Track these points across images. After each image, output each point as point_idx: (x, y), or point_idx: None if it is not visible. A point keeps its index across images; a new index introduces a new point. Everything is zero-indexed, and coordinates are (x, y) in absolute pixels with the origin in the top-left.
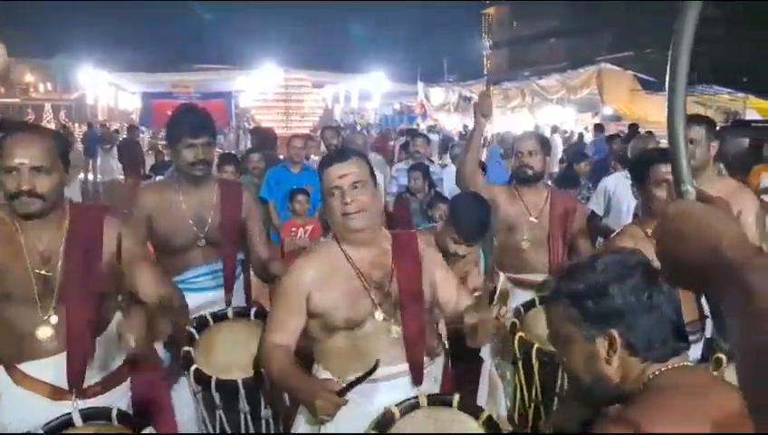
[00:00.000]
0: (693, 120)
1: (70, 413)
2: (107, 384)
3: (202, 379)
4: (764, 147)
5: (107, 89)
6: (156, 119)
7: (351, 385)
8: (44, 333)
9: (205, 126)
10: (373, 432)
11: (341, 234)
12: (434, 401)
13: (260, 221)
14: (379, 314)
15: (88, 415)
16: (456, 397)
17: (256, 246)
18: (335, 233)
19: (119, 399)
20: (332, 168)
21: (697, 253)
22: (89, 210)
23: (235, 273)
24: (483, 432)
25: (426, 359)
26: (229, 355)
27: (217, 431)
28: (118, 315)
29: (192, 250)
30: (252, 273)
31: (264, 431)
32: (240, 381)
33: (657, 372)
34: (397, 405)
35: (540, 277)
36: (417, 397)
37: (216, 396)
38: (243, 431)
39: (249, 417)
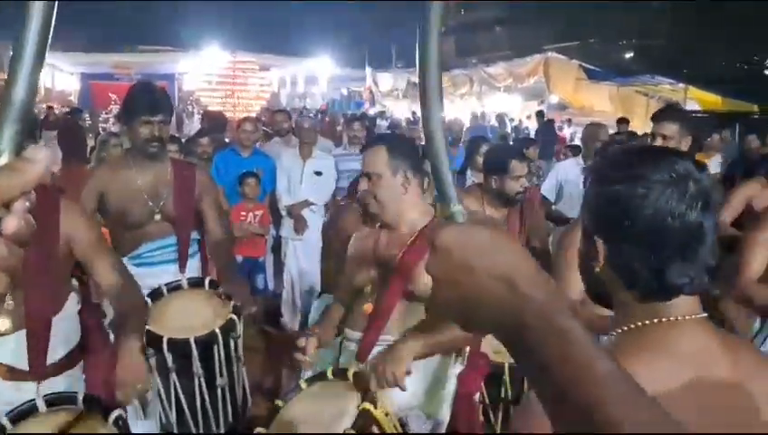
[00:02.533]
0: (666, 116)
1: (33, 399)
2: (62, 366)
3: (154, 340)
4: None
5: (43, 69)
6: (95, 101)
7: None
8: (1, 323)
9: (161, 104)
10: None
11: None
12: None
13: (215, 201)
14: (368, 289)
15: (52, 400)
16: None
17: (211, 226)
18: None
19: (75, 381)
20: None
21: (486, 292)
22: (45, 193)
23: (189, 249)
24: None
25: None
26: (182, 320)
27: (172, 402)
28: (73, 296)
29: (148, 224)
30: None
31: (219, 401)
32: (192, 340)
33: (648, 323)
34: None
35: None
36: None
37: (169, 357)
38: (198, 402)
39: (204, 383)
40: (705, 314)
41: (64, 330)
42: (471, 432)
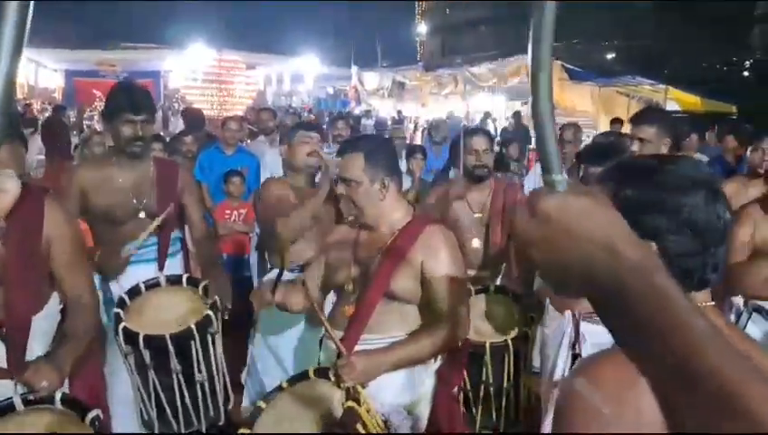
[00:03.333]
0: (644, 119)
1: (11, 397)
2: None
3: (130, 337)
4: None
5: (26, 65)
6: (79, 98)
7: None
8: None
9: (144, 103)
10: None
11: None
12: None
13: (197, 200)
14: (349, 287)
15: (29, 399)
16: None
17: (193, 224)
18: None
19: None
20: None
21: (585, 255)
22: (29, 190)
23: (170, 248)
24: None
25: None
26: (158, 316)
27: (152, 399)
28: (55, 296)
29: (132, 222)
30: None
31: (199, 397)
32: (168, 336)
33: None
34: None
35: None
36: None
37: (146, 354)
38: (177, 398)
39: (182, 379)
40: (714, 303)
41: (44, 329)
42: (451, 426)
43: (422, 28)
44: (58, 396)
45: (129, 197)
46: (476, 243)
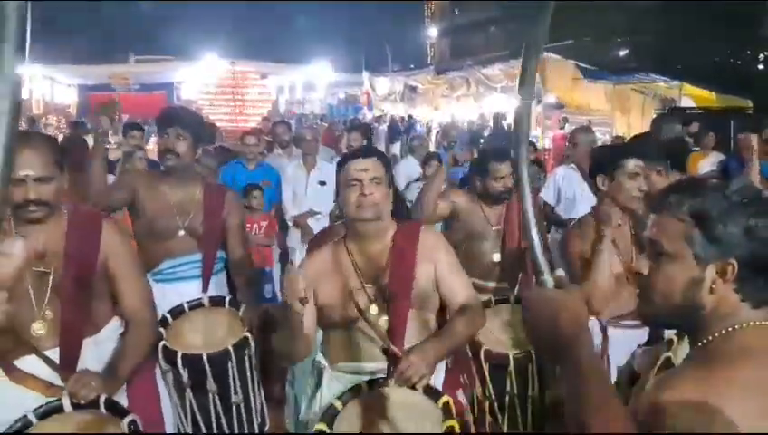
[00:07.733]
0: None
1: (60, 399)
2: None
3: (169, 355)
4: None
5: (41, 82)
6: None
7: None
8: (39, 327)
9: (174, 118)
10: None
11: (351, 226)
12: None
13: (240, 226)
14: (373, 309)
15: (78, 403)
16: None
17: (231, 250)
18: (346, 227)
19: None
20: (355, 162)
21: (544, 332)
22: (87, 213)
23: (213, 267)
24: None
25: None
26: (198, 337)
27: (189, 419)
28: (115, 320)
29: (173, 239)
30: None
31: (235, 419)
32: (205, 356)
33: (746, 325)
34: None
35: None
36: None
37: (184, 373)
38: (213, 419)
39: (218, 400)
40: None
41: (100, 353)
42: (463, 430)
43: (432, 31)
44: (102, 400)
45: (173, 213)
46: (497, 257)
